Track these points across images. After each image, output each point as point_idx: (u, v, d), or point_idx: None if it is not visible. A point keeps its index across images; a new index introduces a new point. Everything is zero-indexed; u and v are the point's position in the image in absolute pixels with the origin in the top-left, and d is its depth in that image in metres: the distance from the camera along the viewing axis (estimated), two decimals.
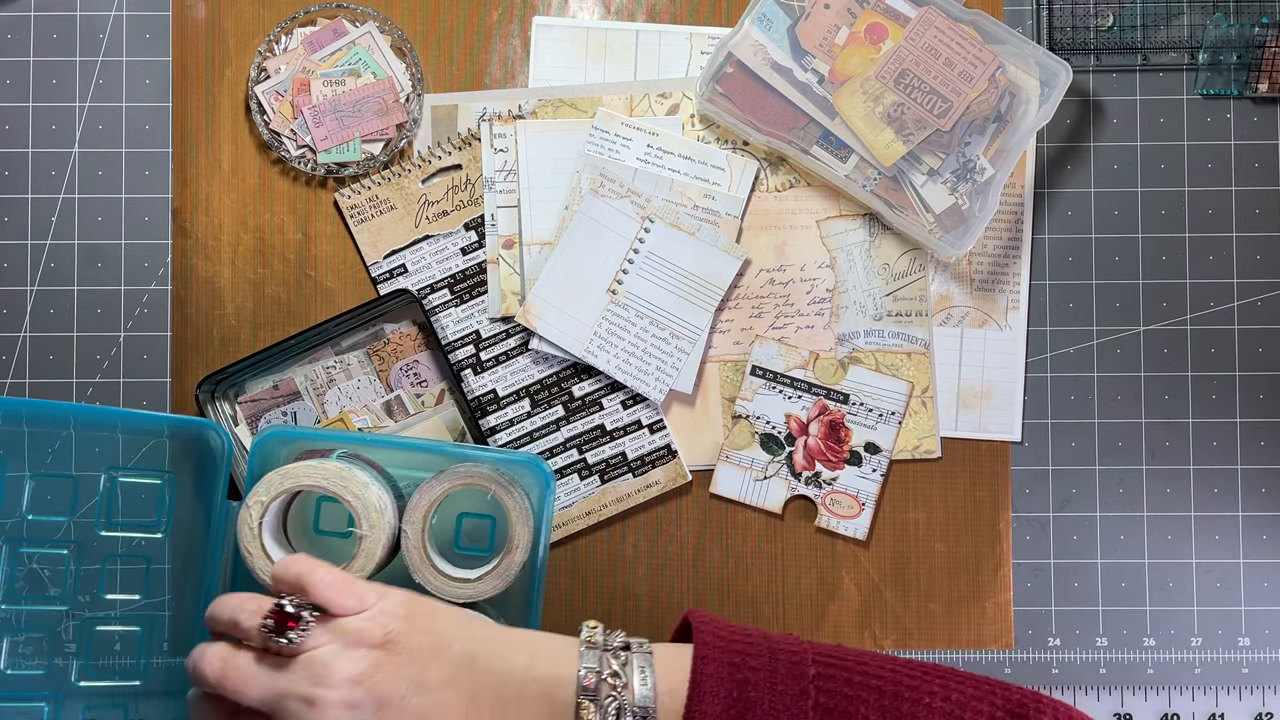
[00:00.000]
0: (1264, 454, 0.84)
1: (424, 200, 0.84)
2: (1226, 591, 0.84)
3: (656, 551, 0.84)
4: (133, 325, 0.85)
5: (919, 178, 0.82)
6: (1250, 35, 0.84)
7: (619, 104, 0.84)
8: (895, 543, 0.84)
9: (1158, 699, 0.84)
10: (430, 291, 0.84)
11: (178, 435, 0.68)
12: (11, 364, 0.84)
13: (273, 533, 0.67)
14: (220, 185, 0.84)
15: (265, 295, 0.84)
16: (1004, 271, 0.84)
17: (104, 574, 0.66)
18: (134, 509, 0.67)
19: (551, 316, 0.83)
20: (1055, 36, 0.85)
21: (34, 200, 0.85)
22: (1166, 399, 0.85)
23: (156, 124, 0.85)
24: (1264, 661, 0.84)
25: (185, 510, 0.68)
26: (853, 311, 0.84)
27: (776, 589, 0.84)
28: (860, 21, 0.82)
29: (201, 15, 0.85)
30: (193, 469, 0.68)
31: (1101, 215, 0.85)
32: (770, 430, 0.84)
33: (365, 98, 0.83)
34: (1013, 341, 0.84)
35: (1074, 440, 0.84)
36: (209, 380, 0.81)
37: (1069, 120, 0.85)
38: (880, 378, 0.83)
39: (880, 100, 0.81)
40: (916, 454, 0.84)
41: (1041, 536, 0.84)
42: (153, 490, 0.67)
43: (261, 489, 0.66)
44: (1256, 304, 0.85)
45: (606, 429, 0.84)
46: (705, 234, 0.83)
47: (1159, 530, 0.84)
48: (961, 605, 0.84)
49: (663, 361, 0.83)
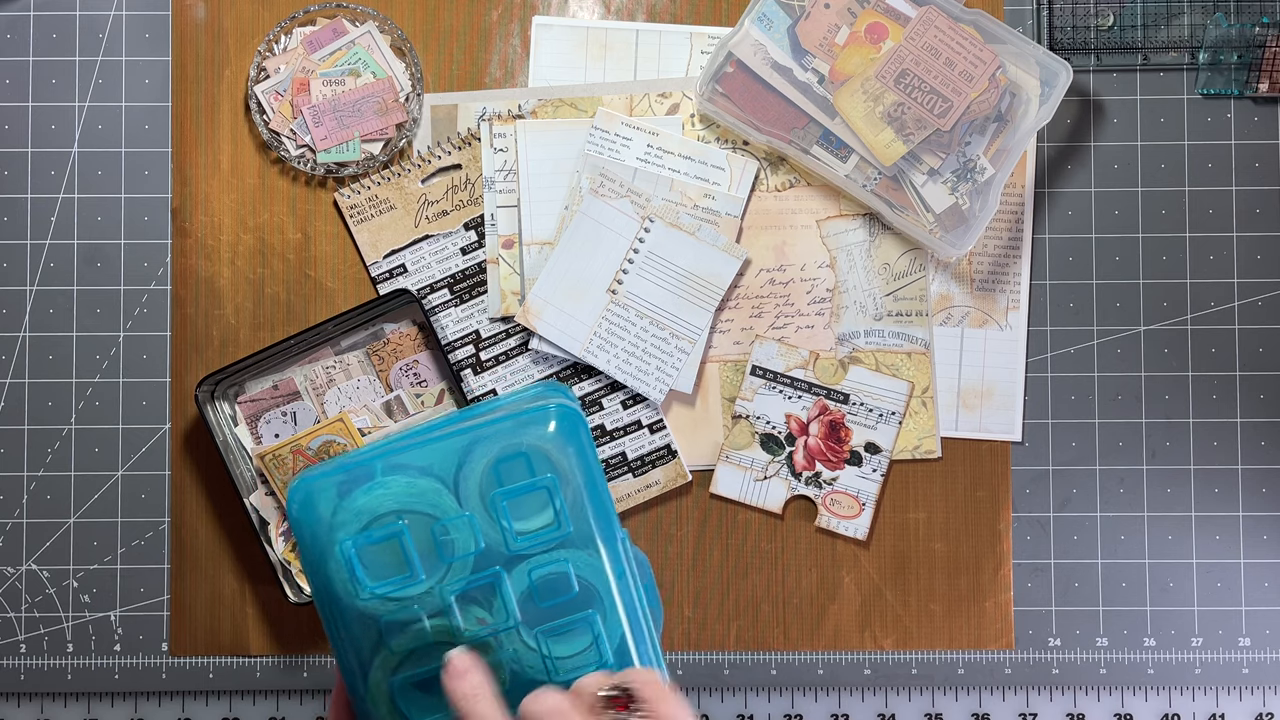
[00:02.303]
0: (1264, 454, 0.84)
1: (424, 200, 0.84)
2: (1227, 591, 0.84)
3: (656, 551, 0.84)
4: (132, 325, 0.85)
5: (919, 177, 0.82)
6: (1250, 35, 0.84)
7: (619, 104, 0.84)
8: (895, 543, 0.84)
9: (1158, 699, 0.84)
10: (430, 291, 0.84)
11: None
12: (11, 364, 0.84)
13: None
14: (220, 185, 0.84)
15: (265, 295, 0.84)
16: (1004, 271, 0.84)
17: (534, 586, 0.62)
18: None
19: (551, 316, 0.83)
20: (1055, 36, 0.85)
21: (34, 200, 0.85)
22: (1166, 399, 0.85)
23: (156, 124, 0.85)
24: (1264, 662, 0.84)
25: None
26: (853, 311, 0.84)
27: (776, 589, 0.84)
28: (860, 21, 0.82)
29: (201, 15, 0.85)
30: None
31: (1101, 215, 0.85)
32: (770, 430, 0.84)
33: (365, 97, 0.83)
34: (1013, 341, 0.84)
35: (1074, 440, 0.84)
36: (209, 380, 0.81)
37: (1069, 120, 0.85)
38: (880, 378, 0.83)
39: (880, 100, 0.81)
40: (916, 454, 0.84)
41: (1041, 536, 0.84)
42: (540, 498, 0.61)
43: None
44: (1257, 304, 0.85)
45: (606, 429, 0.84)
46: (705, 234, 0.83)
47: (1159, 530, 0.84)
48: (961, 605, 0.84)
49: (663, 361, 0.83)
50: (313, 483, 0.60)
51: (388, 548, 0.59)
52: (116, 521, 0.84)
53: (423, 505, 0.59)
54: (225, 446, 0.81)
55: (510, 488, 0.59)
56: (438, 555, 0.59)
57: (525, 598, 0.60)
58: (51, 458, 0.84)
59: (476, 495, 0.60)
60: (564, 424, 0.60)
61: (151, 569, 0.84)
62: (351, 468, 0.60)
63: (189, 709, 0.84)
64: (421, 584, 0.59)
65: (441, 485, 0.60)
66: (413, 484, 0.60)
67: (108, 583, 0.84)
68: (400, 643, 0.59)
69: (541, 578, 0.60)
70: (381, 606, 0.59)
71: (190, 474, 0.84)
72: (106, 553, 0.84)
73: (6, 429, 0.84)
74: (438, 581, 0.59)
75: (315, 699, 0.84)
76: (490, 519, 0.60)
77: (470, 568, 0.59)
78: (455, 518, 0.59)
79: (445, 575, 0.59)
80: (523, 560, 0.60)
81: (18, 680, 0.84)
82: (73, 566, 0.84)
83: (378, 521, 0.59)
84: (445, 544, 0.59)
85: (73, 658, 0.84)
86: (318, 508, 0.60)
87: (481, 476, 0.60)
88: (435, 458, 0.60)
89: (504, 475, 0.60)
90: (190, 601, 0.84)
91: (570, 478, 0.60)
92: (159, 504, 0.84)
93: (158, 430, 0.84)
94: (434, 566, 0.59)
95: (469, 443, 0.60)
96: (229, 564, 0.84)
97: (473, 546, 0.59)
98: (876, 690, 0.84)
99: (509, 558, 0.60)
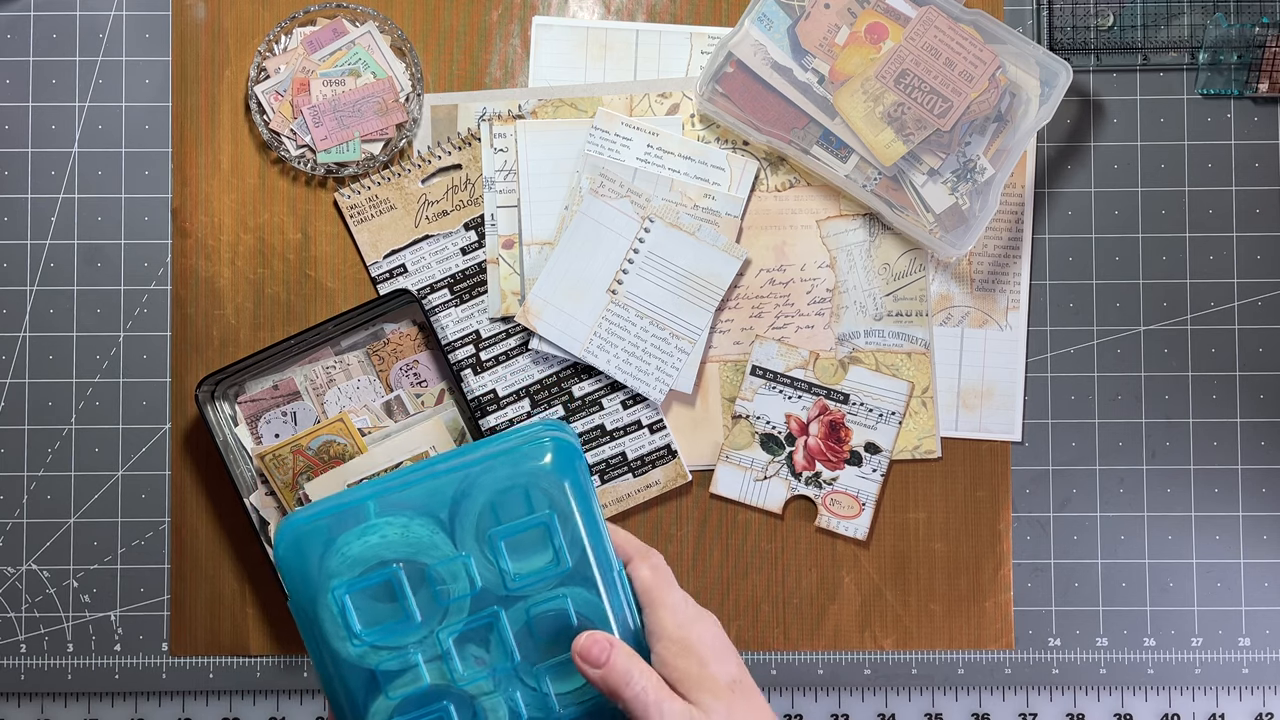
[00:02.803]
0: (1264, 454, 0.84)
1: (424, 200, 0.84)
2: (1227, 591, 0.84)
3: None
4: (133, 325, 0.85)
5: (919, 178, 0.82)
6: (1250, 35, 0.84)
7: (619, 104, 0.84)
8: (895, 543, 0.84)
9: (1158, 699, 0.84)
10: (430, 291, 0.84)
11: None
12: (11, 364, 0.84)
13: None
14: (220, 185, 0.84)
15: (265, 295, 0.84)
16: (1004, 271, 0.84)
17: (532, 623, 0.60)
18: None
19: (551, 316, 0.83)
20: (1055, 36, 0.85)
21: (34, 200, 0.85)
22: (1166, 399, 0.85)
23: (156, 124, 0.85)
24: (1264, 661, 0.84)
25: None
26: (853, 311, 0.84)
27: (776, 589, 0.84)
28: (860, 21, 0.82)
29: (201, 15, 0.85)
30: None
31: (1101, 215, 0.85)
32: (770, 430, 0.84)
33: (365, 98, 0.83)
34: (1013, 341, 0.84)
35: (1074, 440, 0.84)
36: (209, 380, 0.81)
37: (1069, 120, 0.85)
38: (880, 378, 0.83)
39: (880, 100, 0.81)
40: (916, 454, 0.84)
41: (1041, 536, 0.84)
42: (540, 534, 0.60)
43: None
44: (1256, 304, 0.85)
45: (606, 429, 0.84)
46: (705, 234, 0.83)
47: (1159, 530, 0.84)
48: (961, 605, 0.84)
49: (663, 361, 0.83)
50: (301, 526, 0.58)
51: (381, 591, 0.58)
52: (117, 521, 0.84)
53: (417, 551, 0.58)
54: (225, 446, 0.81)
55: (508, 525, 0.58)
56: (433, 598, 0.58)
57: (523, 635, 0.59)
58: (52, 458, 0.84)
59: (473, 533, 0.58)
60: (561, 458, 0.58)
61: (151, 569, 0.84)
62: (342, 510, 0.58)
63: (189, 709, 0.84)
64: (417, 630, 0.58)
65: (436, 525, 0.58)
66: (406, 528, 0.58)
67: (108, 583, 0.84)
68: (396, 689, 0.58)
69: (540, 615, 0.59)
70: (376, 655, 0.58)
71: (190, 474, 0.84)
72: (107, 553, 0.84)
73: (6, 429, 0.84)
74: (434, 626, 0.58)
75: (315, 699, 0.84)
76: (487, 557, 0.58)
77: (467, 609, 0.58)
78: (451, 560, 0.58)
79: (442, 619, 0.58)
80: (521, 598, 0.58)
81: (18, 680, 0.84)
82: (73, 566, 0.84)
83: (371, 569, 0.57)
84: (441, 587, 0.58)
85: (73, 658, 0.84)
86: (307, 552, 0.57)
87: (478, 514, 0.58)
88: (430, 495, 0.58)
89: (501, 511, 0.58)
90: (190, 601, 0.84)
91: (568, 513, 0.58)
92: (159, 504, 0.84)
93: (158, 430, 0.84)
94: (430, 610, 0.58)
95: (465, 479, 0.58)
96: (229, 564, 0.84)
97: (469, 589, 0.58)
98: (876, 690, 0.84)
99: (506, 596, 0.58)
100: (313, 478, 0.80)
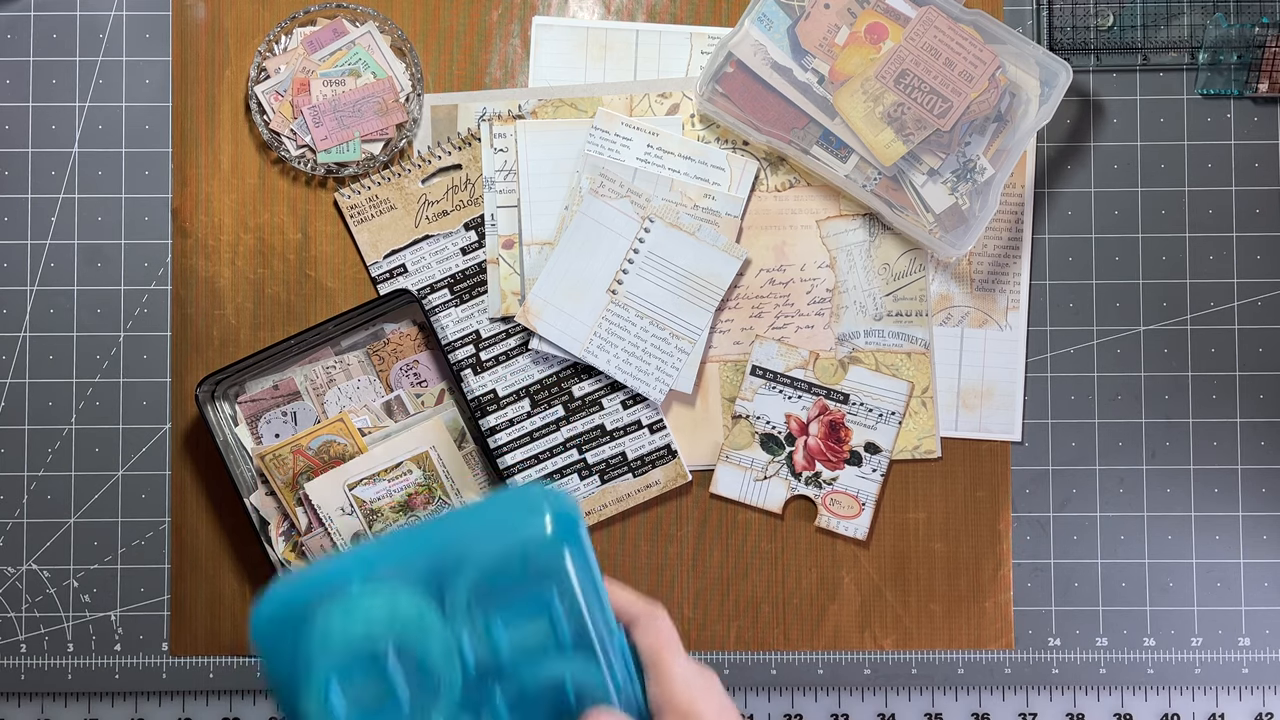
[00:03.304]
0: (1264, 454, 0.84)
1: (424, 200, 0.84)
2: (1226, 591, 0.84)
3: (656, 551, 0.84)
4: (133, 325, 0.85)
5: (919, 178, 0.82)
6: (1250, 35, 0.84)
7: (619, 104, 0.84)
8: (895, 543, 0.84)
9: (1158, 699, 0.84)
10: (430, 291, 0.84)
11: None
12: (11, 364, 0.84)
13: None
14: (220, 185, 0.84)
15: (265, 295, 0.84)
16: (1004, 271, 0.84)
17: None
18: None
19: (551, 316, 0.83)
20: (1055, 36, 0.85)
21: (34, 200, 0.85)
22: (1166, 399, 0.85)
23: (156, 124, 0.85)
24: (1264, 661, 0.84)
25: None
26: (853, 311, 0.84)
27: (776, 589, 0.84)
28: (860, 21, 0.82)
29: (201, 15, 0.85)
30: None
31: (1101, 215, 0.85)
32: (770, 430, 0.84)
33: (365, 98, 0.83)
34: (1013, 341, 0.84)
35: (1074, 440, 0.84)
36: (209, 380, 0.81)
37: (1069, 120, 0.85)
38: (880, 378, 0.83)
39: (880, 100, 0.81)
40: (916, 454, 0.84)
41: (1041, 536, 0.84)
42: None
43: None
44: (1256, 304, 0.85)
45: (606, 429, 0.84)
46: (705, 234, 0.83)
47: (1159, 530, 0.84)
48: (961, 605, 0.84)
49: (663, 361, 0.83)
50: (282, 603, 0.54)
51: (368, 673, 0.54)
52: (117, 521, 0.84)
53: (405, 630, 0.54)
54: (225, 446, 0.81)
55: (503, 598, 0.54)
56: (423, 678, 0.54)
57: (519, 710, 0.55)
58: (52, 458, 0.84)
59: (465, 603, 0.54)
60: (560, 524, 0.54)
61: (152, 569, 0.84)
62: (325, 583, 0.54)
63: (189, 709, 0.84)
64: (406, 715, 0.54)
65: (426, 597, 0.54)
66: (393, 601, 0.54)
67: (108, 583, 0.84)
68: None
69: (536, 689, 0.55)
70: None
71: (190, 474, 0.84)
72: (107, 553, 0.84)
73: (6, 429, 0.84)
74: (425, 706, 0.54)
75: None
76: (481, 629, 0.54)
77: (459, 687, 0.54)
78: (442, 637, 0.54)
79: (434, 698, 0.54)
80: (516, 671, 0.55)
81: (18, 680, 0.84)
82: (73, 566, 0.84)
83: (358, 655, 0.53)
84: (432, 665, 0.54)
85: (73, 658, 0.84)
86: (288, 634, 0.53)
87: (472, 584, 0.54)
88: (420, 563, 0.54)
89: (496, 581, 0.54)
90: (190, 601, 0.84)
91: (567, 583, 0.54)
92: (159, 504, 0.84)
93: (158, 430, 0.84)
94: (420, 690, 0.54)
95: (458, 545, 0.54)
96: (229, 564, 0.84)
97: (459, 667, 0.54)
98: (876, 690, 0.84)
99: (500, 669, 0.55)
100: (313, 478, 0.80)
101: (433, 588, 0.54)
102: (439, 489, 0.81)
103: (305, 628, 0.54)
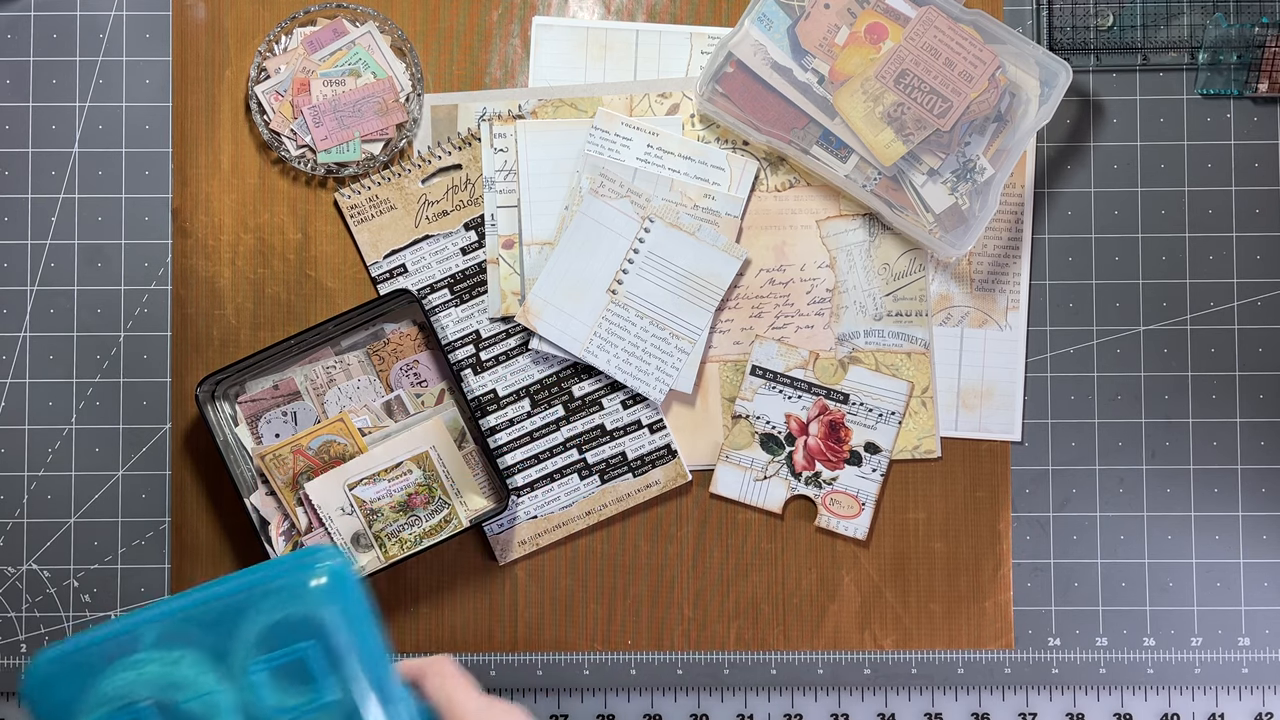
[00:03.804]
0: (1264, 454, 0.84)
1: (424, 200, 0.84)
2: (1226, 591, 0.84)
3: (656, 551, 0.84)
4: (133, 325, 0.85)
5: (919, 178, 0.82)
6: (1250, 35, 0.84)
7: (619, 104, 0.84)
8: (895, 543, 0.84)
9: (1158, 699, 0.84)
10: (430, 291, 0.84)
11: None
12: (11, 364, 0.84)
13: None
14: (220, 185, 0.84)
15: (265, 295, 0.84)
16: (1004, 271, 0.84)
17: None
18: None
19: (551, 316, 0.83)
20: (1055, 36, 0.85)
21: (34, 200, 0.85)
22: (1166, 399, 0.85)
23: (156, 124, 0.85)
24: (1264, 661, 0.84)
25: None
26: (853, 311, 0.84)
27: (776, 589, 0.84)
28: (860, 21, 0.82)
29: (201, 15, 0.85)
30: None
31: (1101, 215, 0.85)
32: (770, 430, 0.84)
33: (365, 98, 0.83)
34: (1013, 341, 0.84)
35: (1074, 440, 0.84)
36: (209, 380, 0.81)
37: (1069, 120, 0.85)
38: (880, 378, 0.83)
39: (880, 100, 0.81)
40: (916, 454, 0.84)
41: (1041, 536, 0.84)
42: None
43: None
44: (1256, 304, 0.85)
45: (606, 429, 0.84)
46: (705, 234, 0.83)
47: (1159, 530, 0.84)
48: (961, 605, 0.84)
49: (663, 361, 0.83)
50: (51, 663, 0.54)
51: None
52: (117, 521, 0.84)
53: (170, 688, 0.54)
54: (225, 446, 0.81)
55: (268, 656, 0.55)
56: None
57: None
58: (52, 458, 0.84)
59: (241, 664, 0.55)
60: (334, 584, 0.55)
61: (152, 569, 0.84)
62: (96, 645, 0.54)
63: None
64: None
65: (209, 657, 0.55)
66: (165, 661, 0.55)
67: (108, 583, 0.84)
68: None
69: None
70: None
71: (190, 474, 0.84)
72: (107, 553, 0.84)
73: (6, 429, 0.84)
74: None
75: None
76: (252, 688, 0.54)
77: None
78: (204, 696, 0.54)
79: None
80: None
81: (18, 680, 0.84)
82: (73, 566, 0.84)
83: (117, 709, 0.53)
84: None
85: None
86: (54, 691, 0.54)
87: (250, 644, 0.55)
88: (205, 624, 0.55)
89: (273, 641, 0.55)
90: None
91: (335, 642, 0.54)
92: (159, 504, 0.84)
93: (158, 430, 0.84)
94: None
95: (241, 605, 0.55)
96: (229, 564, 0.84)
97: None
98: (876, 690, 0.84)
99: None
100: (313, 477, 0.80)
101: (220, 646, 0.55)
102: (439, 489, 0.82)
103: (75, 688, 0.54)
